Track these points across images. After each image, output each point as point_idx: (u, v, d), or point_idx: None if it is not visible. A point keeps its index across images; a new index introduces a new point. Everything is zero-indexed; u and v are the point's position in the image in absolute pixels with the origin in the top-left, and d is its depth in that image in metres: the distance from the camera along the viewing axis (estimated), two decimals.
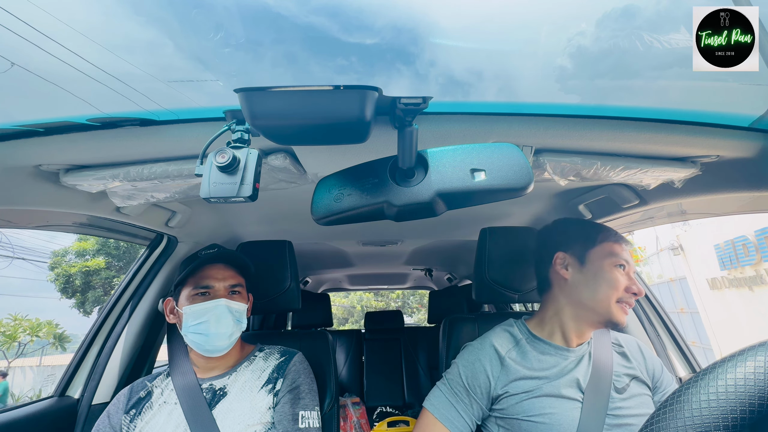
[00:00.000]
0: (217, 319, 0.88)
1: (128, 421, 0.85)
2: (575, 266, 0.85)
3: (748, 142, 0.71)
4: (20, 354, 10.41)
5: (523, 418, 0.76)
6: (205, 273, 0.91)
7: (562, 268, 0.86)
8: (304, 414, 0.86)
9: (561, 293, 0.86)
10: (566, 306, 0.85)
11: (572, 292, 0.84)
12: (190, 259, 0.95)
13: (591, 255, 0.84)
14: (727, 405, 0.32)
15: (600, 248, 0.84)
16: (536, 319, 0.91)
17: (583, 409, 0.76)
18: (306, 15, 1.43)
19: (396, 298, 17.11)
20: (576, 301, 0.83)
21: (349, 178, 0.58)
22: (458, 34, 1.07)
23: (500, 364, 0.83)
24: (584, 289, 0.82)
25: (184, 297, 0.90)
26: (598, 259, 0.83)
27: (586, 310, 0.82)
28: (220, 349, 0.89)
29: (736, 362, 0.34)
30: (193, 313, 0.88)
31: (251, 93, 0.46)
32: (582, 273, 0.83)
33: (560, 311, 0.86)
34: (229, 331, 0.89)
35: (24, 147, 0.68)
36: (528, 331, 0.89)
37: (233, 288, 0.93)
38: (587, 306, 0.82)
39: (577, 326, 0.85)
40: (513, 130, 0.70)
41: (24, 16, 0.87)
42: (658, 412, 0.36)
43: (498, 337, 0.88)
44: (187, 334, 0.89)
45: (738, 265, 7.43)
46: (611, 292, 0.80)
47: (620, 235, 0.87)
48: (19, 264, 15.14)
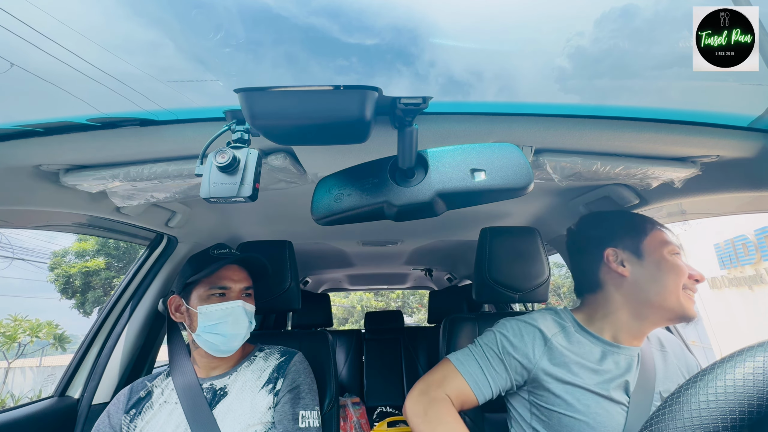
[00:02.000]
0: (235, 320, 0.89)
1: (128, 421, 0.85)
2: (633, 261, 0.77)
3: (748, 141, 0.71)
4: (20, 355, 10.41)
5: (564, 412, 0.71)
6: (222, 274, 0.91)
7: (618, 265, 0.78)
8: (304, 414, 0.86)
9: (618, 292, 0.79)
10: (625, 305, 0.78)
11: (635, 290, 0.76)
12: (201, 257, 0.94)
13: (646, 246, 0.77)
14: (726, 406, 0.32)
15: (652, 237, 0.78)
16: (583, 314, 0.84)
17: (629, 414, 0.70)
18: (306, 16, 1.44)
19: (396, 298, 17.11)
20: (641, 298, 0.76)
21: (349, 178, 0.58)
22: (458, 34, 1.08)
23: (544, 344, 0.77)
24: (650, 283, 0.75)
25: (197, 296, 0.90)
26: (656, 250, 0.76)
27: (652, 308, 0.75)
28: (233, 349, 0.90)
29: (735, 363, 0.34)
30: (210, 314, 0.88)
31: (251, 93, 0.46)
32: (643, 267, 0.76)
33: (616, 311, 0.79)
34: (245, 332, 0.91)
35: (24, 147, 0.68)
36: (575, 320, 0.82)
37: (246, 290, 0.94)
38: (654, 302, 0.74)
39: (639, 326, 0.77)
40: (513, 130, 0.70)
41: (24, 17, 0.87)
42: (657, 413, 0.36)
43: (543, 319, 0.81)
44: (202, 335, 0.88)
45: (738, 265, 7.43)
46: (678, 280, 0.73)
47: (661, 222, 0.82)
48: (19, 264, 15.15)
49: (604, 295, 0.81)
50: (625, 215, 0.86)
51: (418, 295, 16.34)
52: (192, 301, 0.90)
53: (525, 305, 2.21)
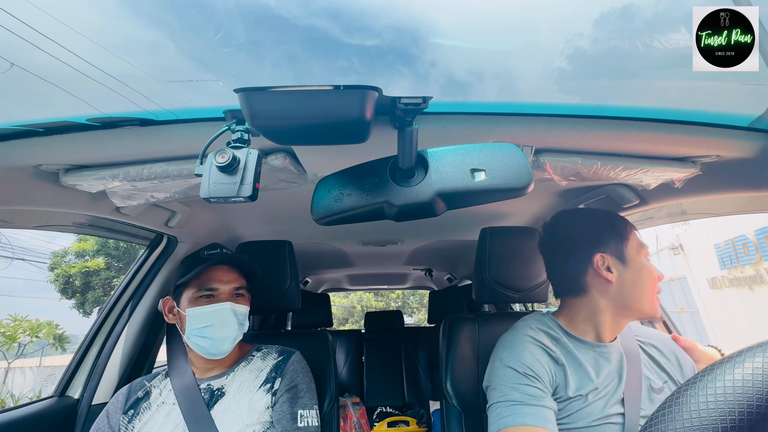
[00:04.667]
0: (222, 323, 0.87)
1: (126, 422, 0.85)
2: (618, 266, 0.77)
3: (748, 141, 0.71)
4: (20, 355, 10.41)
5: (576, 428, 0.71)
6: (209, 275, 0.90)
7: (606, 271, 0.77)
8: (303, 413, 0.86)
9: (602, 296, 0.79)
10: (607, 309, 0.79)
11: (618, 295, 0.77)
12: (192, 259, 0.93)
13: (629, 251, 0.78)
14: (725, 407, 0.32)
15: (632, 241, 0.79)
16: (564, 318, 0.84)
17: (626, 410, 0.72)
18: (307, 17, 1.44)
19: (396, 298, 17.11)
20: (622, 302, 0.77)
21: (349, 178, 0.58)
22: (458, 34, 1.08)
23: (555, 362, 0.75)
24: (633, 289, 0.76)
25: (187, 299, 0.89)
26: (636, 254, 0.78)
27: (630, 310, 0.77)
28: (224, 352, 0.89)
29: (735, 364, 0.34)
30: (197, 317, 0.87)
31: (251, 93, 0.46)
32: (627, 272, 0.77)
33: (598, 314, 0.79)
34: (234, 334, 0.89)
35: (24, 147, 0.68)
36: (561, 327, 0.82)
37: (237, 291, 0.92)
38: (633, 306, 0.76)
39: (614, 325, 0.79)
40: (513, 130, 0.70)
41: (25, 17, 0.87)
42: (656, 414, 0.36)
43: (536, 333, 0.80)
44: (191, 337, 0.88)
45: (738, 265, 7.43)
46: (655, 284, 0.76)
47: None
48: (18, 265, 15.16)
49: (588, 299, 0.80)
50: (609, 217, 0.83)
51: (418, 295, 16.34)
52: (182, 303, 0.90)
53: (525, 305, 2.21)
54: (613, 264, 0.78)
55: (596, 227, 0.81)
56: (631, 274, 0.77)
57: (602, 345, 0.79)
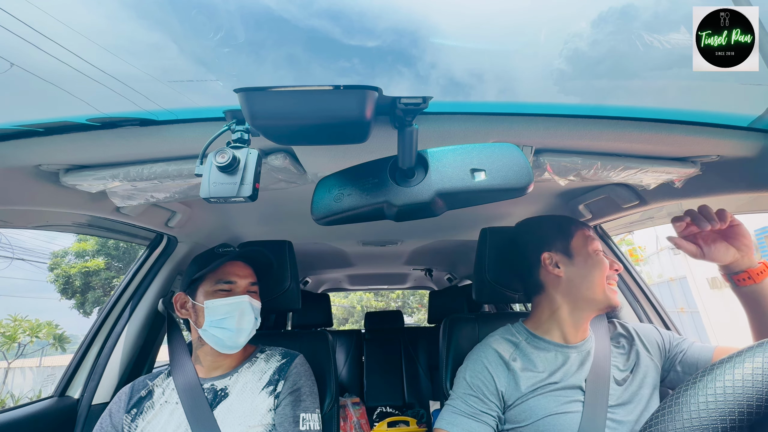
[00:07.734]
0: (241, 315, 0.89)
1: (129, 421, 0.85)
2: (565, 262, 0.85)
3: (748, 141, 0.71)
4: (20, 355, 10.41)
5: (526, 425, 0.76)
6: (226, 269, 0.92)
7: (554, 267, 0.86)
8: (305, 416, 0.86)
9: (557, 292, 0.86)
10: (563, 303, 0.86)
11: (569, 288, 0.84)
12: (207, 255, 0.96)
13: (574, 247, 0.85)
14: (725, 407, 0.32)
15: (577, 237, 0.86)
16: (533, 321, 0.91)
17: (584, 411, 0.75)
18: (308, 18, 1.44)
19: (396, 298, 17.11)
20: (575, 295, 0.84)
21: (349, 178, 0.58)
22: (459, 34, 1.08)
23: (506, 368, 0.82)
24: (581, 281, 0.83)
25: (204, 292, 0.90)
26: (582, 248, 0.85)
27: (584, 302, 0.83)
28: (239, 345, 0.90)
29: (735, 364, 0.34)
30: (216, 308, 0.88)
31: (251, 93, 0.46)
32: (574, 266, 0.84)
33: (557, 310, 0.86)
34: (251, 327, 0.91)
35: (24, 147, 0.68)
36: (527, 330, 0.89)
37: (252, 286, 0.95)
38: (586, 297, 0.83)
39: (574, 320, 0.85)
40: (513, 130, 0.70)
41: (25, 16, 0.87)
42: (656, 414, 0.36)
43: (497, 342, 0.88)
44: (208, 330, 0.88)
45: None
46: (603, 274, 0.82)
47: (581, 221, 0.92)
48: (18, 265, 15.15)
49: (547, 295, 0.88)
50: (554, 219, 0.93)
51: (418, 295, 16.34)
52: (198, 296, 0.91)
53: (525, 305, 2.21)
54: (560, 260, 0.86)
55: (542, 230, 0.91)
56: (578, 267, 0.84)
57: (566, 346, 0.85)
